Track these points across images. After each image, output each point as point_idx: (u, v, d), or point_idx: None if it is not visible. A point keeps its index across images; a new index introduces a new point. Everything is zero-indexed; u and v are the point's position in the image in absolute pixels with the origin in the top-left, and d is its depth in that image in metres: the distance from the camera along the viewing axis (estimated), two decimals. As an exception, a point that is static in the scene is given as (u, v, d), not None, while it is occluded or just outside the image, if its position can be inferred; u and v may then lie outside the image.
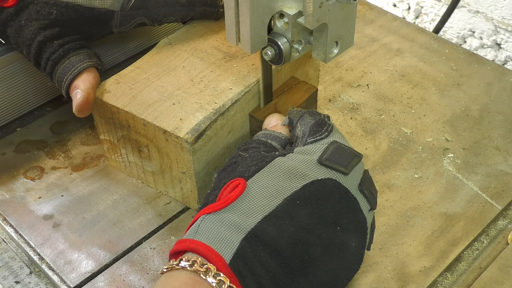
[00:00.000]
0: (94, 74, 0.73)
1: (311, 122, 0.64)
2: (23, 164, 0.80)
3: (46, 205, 0.75)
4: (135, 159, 0.75)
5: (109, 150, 0.78)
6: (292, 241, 0.53)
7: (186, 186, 0.72)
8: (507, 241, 0.72)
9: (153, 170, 0.74)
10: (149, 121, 0.68)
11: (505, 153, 0.81)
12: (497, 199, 0.75)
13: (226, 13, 0.65)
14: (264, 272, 0.52)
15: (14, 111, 0.85)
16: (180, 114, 0.69)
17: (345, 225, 0.56)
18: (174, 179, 0.72)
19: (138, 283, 0.67)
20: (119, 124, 0.72)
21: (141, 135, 0.71)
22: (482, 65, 0.94)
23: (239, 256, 0.51)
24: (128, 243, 0.71)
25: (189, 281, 0.50)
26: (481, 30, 1.47)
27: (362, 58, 0.96)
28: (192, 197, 0.72)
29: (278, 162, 0.58)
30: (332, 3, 0.63)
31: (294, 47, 0.67)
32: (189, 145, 0.66)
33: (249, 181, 0.57)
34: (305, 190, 0.56)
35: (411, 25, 1.03)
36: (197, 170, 0.69)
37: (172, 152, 0.69)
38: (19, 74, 0.82)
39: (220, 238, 0.52)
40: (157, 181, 0.75)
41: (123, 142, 0.74)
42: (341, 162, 0.58)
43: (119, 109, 0.70)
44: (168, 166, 0.71)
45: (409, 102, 0.88)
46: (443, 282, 0.68)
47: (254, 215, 0.54)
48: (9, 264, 0.70)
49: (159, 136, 0.68)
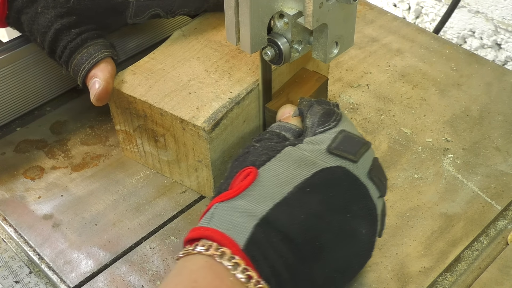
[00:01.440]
0: (112, 64, 0.74)
1: (320, 112, 0.65)
2: (22, 164, 0.80)
3: (45, 205, 0.75)
4: (150, 149, 0.76)
5: (124, 140, 0.79)
6: (303, 227, 0.54)
7: (202, 175, 0.73)
8: (507, 241, 0.72)
9: (169, 159, 0.75)
10: (166, 110, 0.69)
11: (505, 154, 0.81)
12: (497, 199, 0.75)
13: (226, 13, 0.65)
14: (276, 257, 0.52)
15: (14, 110, 0.85)
16: (196, 103, 0.70)
17: (355, 212, 0.57)
18: (190, 168, 0.73)
19: (138, 283, 0.67)
20: (135, 114, 0.73)
21: (157, 124, 0.72)
22: (482, 65, 0.94)
23: (252, 241, 0.52)
24: (127, 243, 0.71)
25: (206, 264, 0.51)
26: (481, 30, 1.47)
27: (362, 58, 0.96)
28: (207, 185, 0.74)
29: (288, 151, 0.60)
30: (332, 3, 0.63)
31: (294, 47, 0.67)
32: (206, 133, 0.68)
33: (260, 170, 0.58)
34: (315, 177, 0.57)
35: (411, 25, 1.03)
36: (213, 159, 0.71)
37: (189, 141, 0.70)
38: (19, 74, 0.82)
39: (233, 224, 0.53)
40: (172, 171, 0.76)
41: (139, 132, 0.75)
42: (350, 150, 0.59)
43: (136, 99, 0.71)
44: (184, 155, 0.72)
45: (409, 102, 0.88)
46: (443, 282, 0.68)
47: (265, 202, 0.55)
48: (9, 264, 0.70)
49: (176, 125, 0.70)
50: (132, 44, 0.91)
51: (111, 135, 0.84)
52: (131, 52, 0.92)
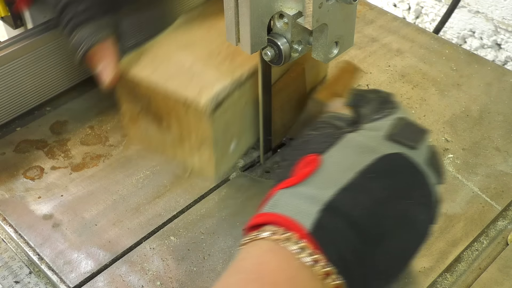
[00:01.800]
0: (114, 44, 0.75)
1: (376, 99, 0.66)
2: (22, 164, 0.80)
3: (45, 205, 0.75)
4: (155, 130, 0.78)
5: (129, 122, 0.81)
6: (367, 212, 0.54)
7: (204, 155, 0.75)
8: (507, 241, 0.72)
9: (173, 140, 0.77)
10: (170, 92, 0.72)
11: (505, 154, 0.81)
12: (497, 199, 0.75)
13: (225, 14, 0.65)
14: (343, 241, 0.53)
15: (13, 109, 0.85)
16: (199, 85, 0.72)
17: (415, 198, 0.57)
18: (193, 148, 0.75)
19: (138, 283, 0.67)
20: (140, 96, 0.75)
21: (161, 106, 0.74)
22: (482, 66, 0.94)
23: (318, 225, 0.52)
24: (127, 243, 0.71)
25: (272, 248, 0.51)
26: (481, 31, 1.47)
27: (362, 58, 0.96)
28: (209, 166, 0.76)
29: (349, 138, 0.60)
30: (332, 4, 0.62)
31: (294, 47, 0.67)
32: (208, 113, 0.70)
33: (323, 156, 0.58)
34: (377, 164, 0.57)
35: (411, 25, 1.03)
36: (215, 139, 0.73)
37: (192, 122, 0.72)
38: (18, 72, 0.82)
39: (299, 210, 0.53)
40: (175, 152, 0.78)
41: (144, 113, 0.77)
42: (410, 137, 0.60)
43: (140, 81, 0.74)
44: (187, 136, 0.75)
45: (409, 102, 0.88)
46: (443, 282, 0.68)
47: (329, 188, 0.55)
48: (9, 264, 0.70)
49: (179, 106, 0.72)
50: (136, 32, 0.93)
51: (111, 135, 0.84)
52: (136, 41, 0.92)
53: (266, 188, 0.56)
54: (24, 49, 0.82)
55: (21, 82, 0.83)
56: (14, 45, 0.81)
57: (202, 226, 0.73)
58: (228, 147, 0.76)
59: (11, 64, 0.81)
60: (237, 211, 0.74)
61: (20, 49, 0.81)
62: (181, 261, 0.69)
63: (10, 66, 0.81)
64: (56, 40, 0.85)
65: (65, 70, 0.88)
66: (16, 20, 0.88)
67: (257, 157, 0.81)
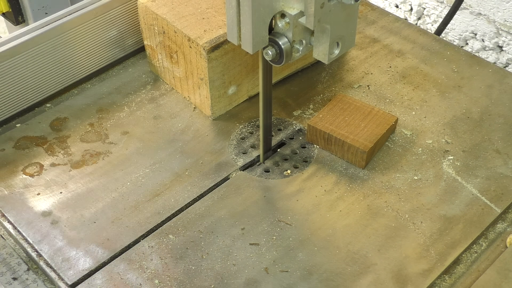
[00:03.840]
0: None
1: None
2: (22, 160, 0.80)
3: (44, 201, 0.75)
4: (167, 65, 0.88)
5: (150, 55, 0.90)
6: None
7: (203, 93, 0.83)
8: (506, 244, 0.71)
9: (180, 75, 0.86)
10: (179, 28, 0.80)
11: (505, 156, 0.81)
12: (496, 202, 0.75)
13: (227, 13, 0.65)
14: None
15: (14, 105, 0.85)
16: (205, 27, 0.81)
17: None
18: (195, 85, 0.84)
19: (136, 281, 0.67)
20: (157, 30, 0.85)
21: (172, 41, 0.83)
22: (483, 68, 0.94)
23: None
24: (126, 241, 0.71)
25: None
26: (483, 33, 1.46)
27: (363, 58, 0.96)
28: (206, 103, 0.84)
29: None
30: (333, 4, 0.62)
31: (295, 47, 0.67)
32: (205, 52, 0.78)
33: None
34: None
35: (413, 27, 1.03)
36: (212, 78, 0.81)
37: (194, 59, 0.81)
38: (19, 68, 0.82)
39: None
40: (182, 87, 0.87)
41: (160, 47, 0.87)
42: None
43: (158, 16, 0.83)
44: (191, 72, 0.83)
45: (409, 103, 0.88)
46: (442, 284, 0.68)
47: None
48: (7, 261, 0.70)
49: (185, 43, 0.81)
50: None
51: (110, 133, 0.84)
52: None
53: (265, 187, 0.56)
54: (24, 45, 0.82)
55: (21, 78, 0.83)
56: (14, 41, 0.81)
57: (200, 225, 0.73)
58: (227, 89, 0.84)
59: (12, 61, 0.81)
60: (235, 210, 0.74)
61: (21, 46, 0.81)
62: (180, 260, 0.69)
63: (11, 62, 0.81)
64: (57, 37, 0.85)
65: (65, 67, 0.88)
66: (17, 16, 0.88)
67: (256, 156, 0.81)
